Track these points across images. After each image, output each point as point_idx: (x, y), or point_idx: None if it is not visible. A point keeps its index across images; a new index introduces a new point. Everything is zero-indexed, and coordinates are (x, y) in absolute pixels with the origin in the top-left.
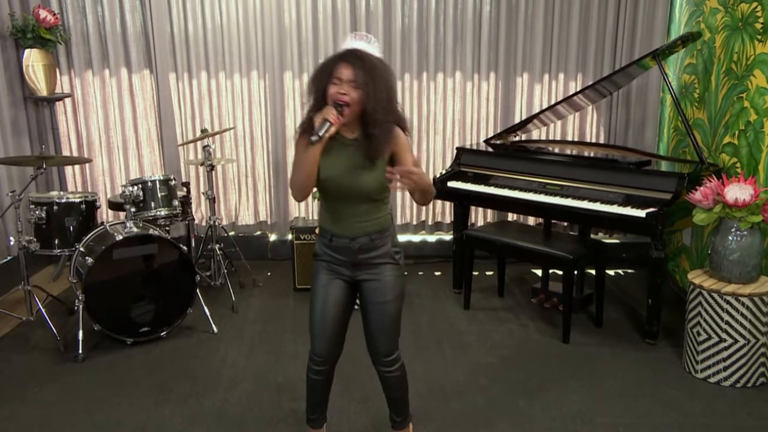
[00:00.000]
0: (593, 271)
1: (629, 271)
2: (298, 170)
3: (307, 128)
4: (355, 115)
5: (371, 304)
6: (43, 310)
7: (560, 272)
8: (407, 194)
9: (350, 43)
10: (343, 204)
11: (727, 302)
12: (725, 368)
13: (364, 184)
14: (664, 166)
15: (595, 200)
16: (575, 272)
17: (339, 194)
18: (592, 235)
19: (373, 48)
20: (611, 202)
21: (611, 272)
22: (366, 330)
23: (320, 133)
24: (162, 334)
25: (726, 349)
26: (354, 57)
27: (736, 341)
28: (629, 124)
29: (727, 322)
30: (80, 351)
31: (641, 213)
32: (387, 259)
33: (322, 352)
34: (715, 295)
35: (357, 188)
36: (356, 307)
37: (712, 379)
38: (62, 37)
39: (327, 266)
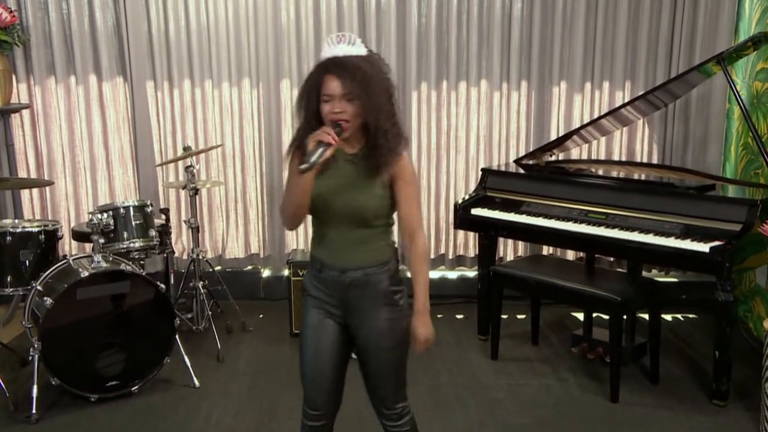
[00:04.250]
0: (646, 316)
1: (690, 316)
2: (288, 197)
3: (299, 148)
4: (356, 129)
5: (366, 353)
6: None
7: (606, 317)
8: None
9: (329, 50)
10: (334, 228)
11: None
12: None
13: (358, 205)
14: (731, 191)
15: (647, 231)
16: (624, 317)
17: (330, 215)
18: (644, 273)
19: (356, 49)
20: (667, 234)
21: (668, 317)
22: (364, 381)
23: (312, 160)
24: (133, 389)
25: None
26: (338, 67)
27: None
28: (688, 141)
29: None
30: (34, 410)
31: (704, 247)
32: (383, 299)
33: (318, 405)
34: None
35: (350, 209)
36: (353, 356)
37: None
38: (20, 39)
39: (317, 303)
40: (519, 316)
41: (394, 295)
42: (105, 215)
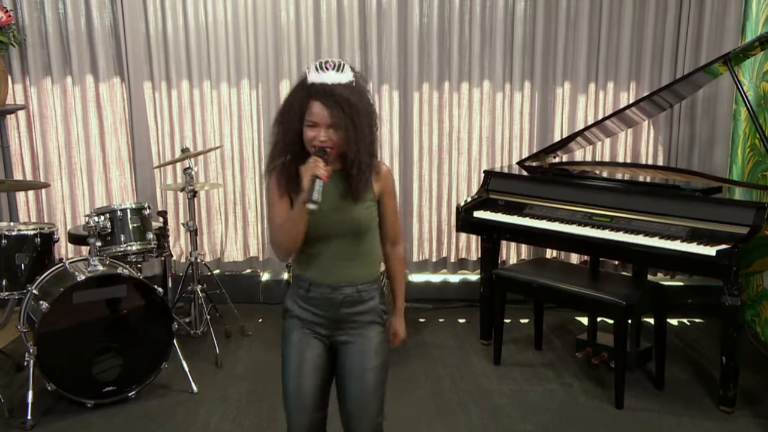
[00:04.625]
0: (651, 321)
1: (696, 320)
2: (282, 230)
3: (281, 173)
4: (337, 154)
5: (350, 371)
6: None
7: (611, 321)
8: (424, 226)
9: (317, 76)
10: (325, 244)
11: None
12: None
13: (353, 217)
14: (738, 193)
15: (652, 234)
16: (629, 321)
17: (322, 232)
18: (650, 277)
19: (344, 76)
20: (673, 237)
21: (674, 322)
22: (341, 407)
23: (315, 198)
24: (130, 394)
25: None
26: (327, 96)
27: None
28: (694, 142)
29: None
30: (29, 416)
31: (710, 251)
32: (373, 317)
33: (300, 427)
34: None
35: (345, 223)
36: None
37: None
38: (16, 39)
39: (302, 323)
40: (522, 321)
41: (384, 314)
42: (102, 218)
